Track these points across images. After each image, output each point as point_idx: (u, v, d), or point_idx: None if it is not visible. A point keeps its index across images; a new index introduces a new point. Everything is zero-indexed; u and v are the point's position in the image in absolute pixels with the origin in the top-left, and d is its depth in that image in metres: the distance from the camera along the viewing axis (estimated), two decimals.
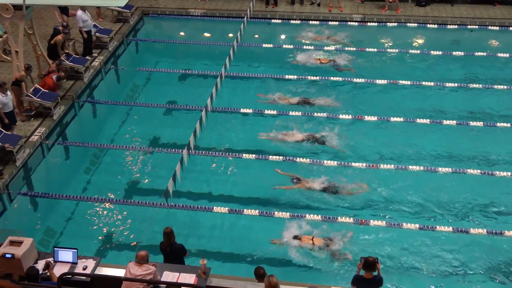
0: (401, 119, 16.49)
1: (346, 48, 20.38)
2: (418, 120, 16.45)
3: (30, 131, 15.65)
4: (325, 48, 20.51)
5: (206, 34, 21.86)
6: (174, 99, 17.69)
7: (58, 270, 9.67)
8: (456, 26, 21.99)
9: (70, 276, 9.36)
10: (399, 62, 19.84)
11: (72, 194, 14.06)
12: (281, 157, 15.00)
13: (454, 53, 20.04)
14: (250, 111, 16.96)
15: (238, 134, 16.24)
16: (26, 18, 16.27)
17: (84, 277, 9.44)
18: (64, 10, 20.25)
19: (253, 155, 15.13)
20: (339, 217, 13.16)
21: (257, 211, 13.39)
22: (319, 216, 13.19)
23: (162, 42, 21.57)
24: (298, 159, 14.95)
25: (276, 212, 13.33)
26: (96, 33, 19.87)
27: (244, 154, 15.18)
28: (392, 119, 16.49)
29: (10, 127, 15.07)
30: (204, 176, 14.77)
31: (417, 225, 13.02)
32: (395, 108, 17.03)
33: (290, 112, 16.81)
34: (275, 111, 16.87)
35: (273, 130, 16.09)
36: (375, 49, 20.39)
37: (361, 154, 15.30)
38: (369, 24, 22.26)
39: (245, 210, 13.42)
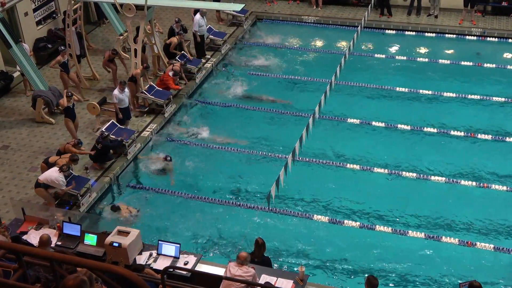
0: None
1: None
2: None
3: (142, 126, 16.27)
4: (439, 61, 19.95)
5: (318, 42, 21.75)
6: (283, 105, 17.72)
7: (161, 263, 9.97)
8: None
9: (172, 270, 9.59)
10: None
11: (176, 190, 14.40)
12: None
13: None
14: (357, 121, 16.72)
15: (345, 143, 16.01)
16: (146, 18, 16.93)
17: (185, 272, 9.63)
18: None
19: (358, 166, 14.88)
20: None
21: (358, 223, 13.14)
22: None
23: (273, 47, 21.58)
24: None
25: (377, 226, 13.02)
26: (210, 36, 20.33)
27: (348, 164, 14.96)
28: None
29: (125, 122, 15.72)
30: (305, 183, 14.65)
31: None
32: None
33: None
34: (383, 123, 16.54)
35: None
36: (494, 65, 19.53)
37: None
38: (488, 39, 21.28)
39: (345, 221, 13.21)
